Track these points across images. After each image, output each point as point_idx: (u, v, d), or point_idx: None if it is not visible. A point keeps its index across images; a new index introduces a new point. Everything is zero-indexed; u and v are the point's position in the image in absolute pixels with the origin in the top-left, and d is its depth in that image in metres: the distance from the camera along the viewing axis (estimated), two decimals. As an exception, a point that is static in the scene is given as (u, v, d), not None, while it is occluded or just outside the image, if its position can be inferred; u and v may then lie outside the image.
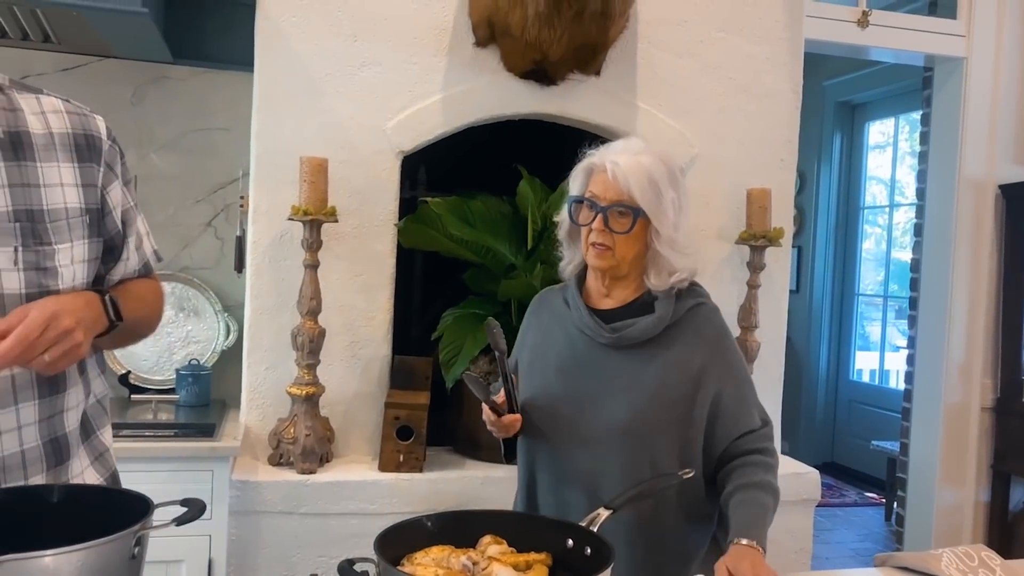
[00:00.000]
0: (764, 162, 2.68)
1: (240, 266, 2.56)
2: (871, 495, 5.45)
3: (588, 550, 1.08)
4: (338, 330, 2.36)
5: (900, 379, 4.85)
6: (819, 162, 6.12)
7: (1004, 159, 3.52)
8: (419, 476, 2.25)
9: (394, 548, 1.04)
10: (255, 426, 2.34)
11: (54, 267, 1.13)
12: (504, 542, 1.12)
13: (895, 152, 5.93)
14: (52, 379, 1.15)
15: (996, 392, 3.56)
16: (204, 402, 2.53)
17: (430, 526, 1.12)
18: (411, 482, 2.23)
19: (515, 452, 1.66)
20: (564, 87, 2.50)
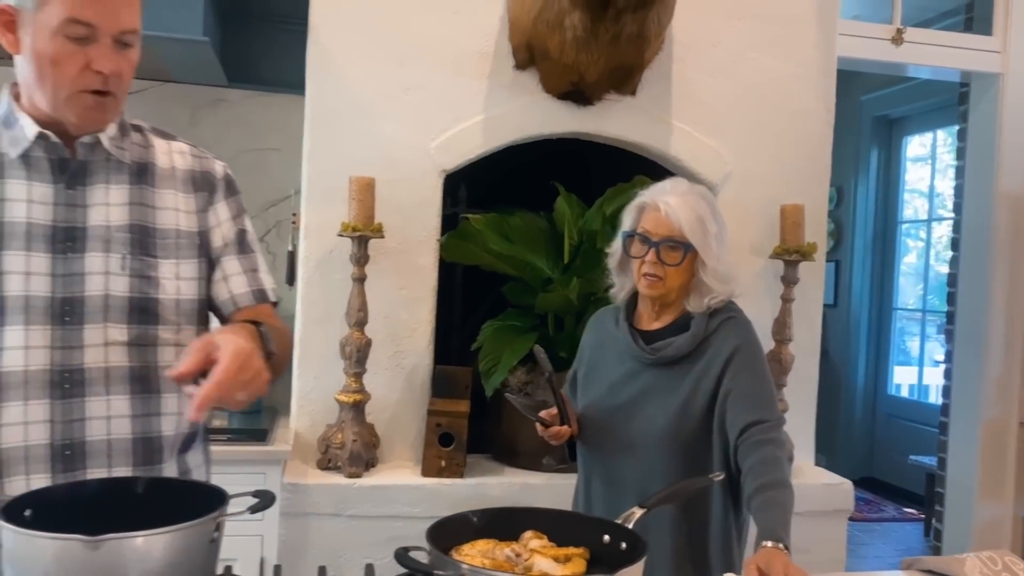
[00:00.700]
0: (797, 178, 2.73)
1: (292, 279, 2.68)
2: (909, 510, 5.41)
3: (623, 545, 1.15)
4: (383, 340, 2.45)
5: (939, 394, 4.82)
6: (856, 176, 6.10)
7: (1041, 174, 3.52)
8: (460, 481, 2.34)
9: (443, 540, 1.12)
10: (305, 431, 2.44)
11: (156, 277, 1.28)
12: (545, 537, 1.19)
13: (933, 165, 5.89)
14: (145, 379, 1.27)
15: (1034, 407, 3.55)
16: (256, 408, 2.63)
17: (476, 521, 1.21)
18: (452, 487, 2.32)
19: (574, 453, 1.90)
20: (601, 107, 2.58)
